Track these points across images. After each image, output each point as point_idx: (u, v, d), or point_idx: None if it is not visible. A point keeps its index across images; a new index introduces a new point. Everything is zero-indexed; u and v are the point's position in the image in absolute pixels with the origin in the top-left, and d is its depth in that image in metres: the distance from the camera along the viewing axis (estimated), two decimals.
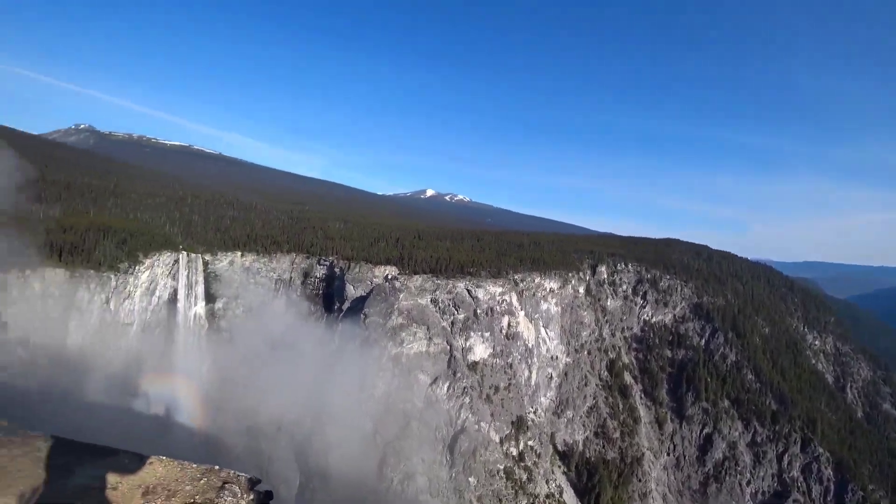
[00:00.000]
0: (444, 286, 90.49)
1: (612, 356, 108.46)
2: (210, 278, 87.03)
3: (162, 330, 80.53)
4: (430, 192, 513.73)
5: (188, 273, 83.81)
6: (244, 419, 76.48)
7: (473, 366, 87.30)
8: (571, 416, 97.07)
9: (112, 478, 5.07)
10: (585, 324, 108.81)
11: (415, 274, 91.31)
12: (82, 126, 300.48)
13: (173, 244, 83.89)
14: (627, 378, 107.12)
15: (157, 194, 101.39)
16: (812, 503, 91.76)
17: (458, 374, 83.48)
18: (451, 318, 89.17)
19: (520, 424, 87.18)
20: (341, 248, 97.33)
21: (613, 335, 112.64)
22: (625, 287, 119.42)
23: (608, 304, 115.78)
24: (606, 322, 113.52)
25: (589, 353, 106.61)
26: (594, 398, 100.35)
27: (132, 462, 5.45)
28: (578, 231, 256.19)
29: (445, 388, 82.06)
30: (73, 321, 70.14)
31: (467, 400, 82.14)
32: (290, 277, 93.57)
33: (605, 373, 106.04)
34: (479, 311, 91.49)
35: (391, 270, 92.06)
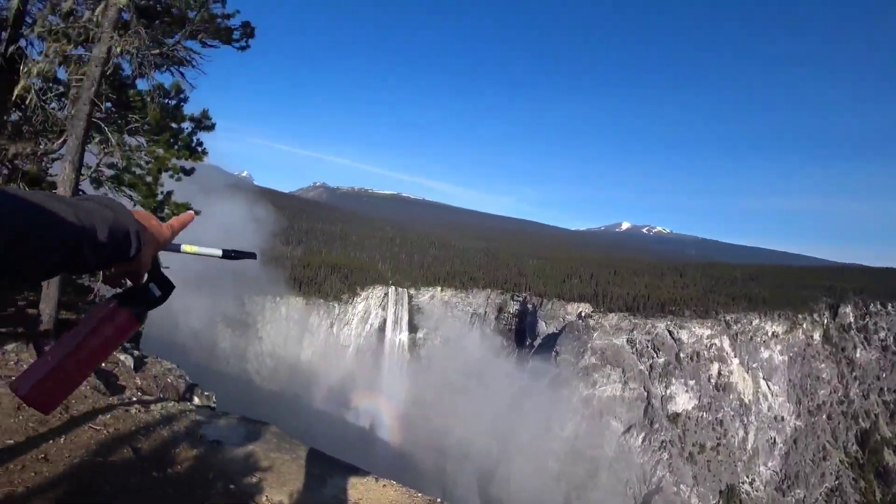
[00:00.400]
0: (641, 326, 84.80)
1: (864, 425, 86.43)
2: (413, 310, 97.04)
3: (372, 353, 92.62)
4: (625, 225, 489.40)
5: (396, 305, 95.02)
6: (435, 441, 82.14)
7: (674, 417, 78.90)
8: (803, 496, 79.60)
9: (353, 493, 6.23)
10: (823, 379, 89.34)
11: (609, 312, 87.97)
12: (318, 184, 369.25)
13: (384, 279, 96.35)
14: (889, 458, 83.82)
15: (373, 237, 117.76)
16: None
17: (656, 425, 76.34)
18: (650, 361, 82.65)
19: (731, 495, 75.10)
20: (534, 284, 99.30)
21: (866, 397, 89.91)
22: (882, 335, 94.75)
23: (857, 355, 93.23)
24: (856, 379, 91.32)
25: (829, 417, 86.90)
26: (837, 478, 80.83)
27: (369, 481, 6.65)
28: (809, 262, 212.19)
29: (640, 439, 75.75)
30: (306, 340, 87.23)
31: (665, 456, 74.33)
32: (485, 312, 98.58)
33: (854, 446, 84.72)
34: (682, 356, 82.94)
35: (584, 307, 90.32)
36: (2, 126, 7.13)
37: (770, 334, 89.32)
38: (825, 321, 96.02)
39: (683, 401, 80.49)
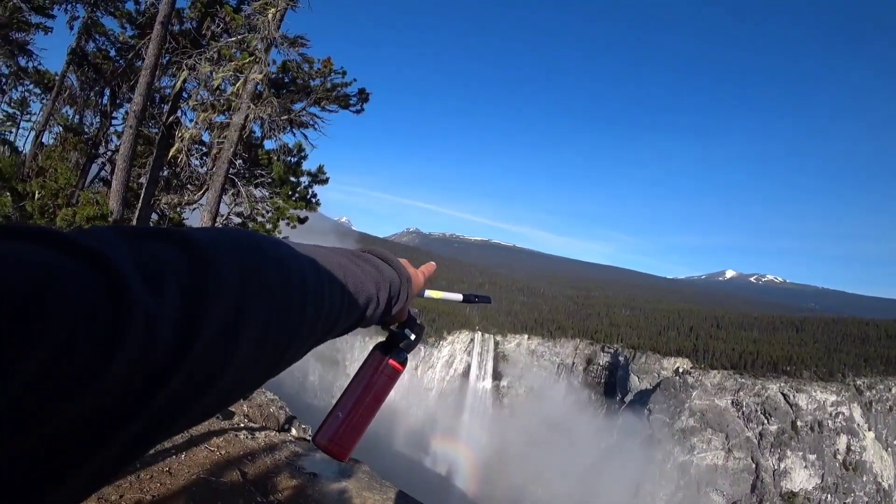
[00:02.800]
0: (749, 386, 77.12)
1: None
2: (499, 357, 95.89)
3: (454, 399, 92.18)
4: (729, 273, 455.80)
5: (481, 351, 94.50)
6: (512, 495, 78.65)
7: (790, 497, 69.40)
8: None
9: None
10: None
11: (712, 369, 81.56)
12: (412, 229, 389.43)
13: (471, 325, 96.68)
14: None
15: (462, 281, 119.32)
16: None
17: None
18: (759, 427, 74.34)
19: None
20: (627, 335, 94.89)
21: None
22: None
23: None
24: None
25: None
26: None
27: None
28: None
29: None
30: None
31: None
32: (573, 362, 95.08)
33: None
34: (799, 424, 73.75)
35: (682, 363, 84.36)
36: (157, 181, 8.58)
37: None
38: None
39: (802, 478, 70.80)
